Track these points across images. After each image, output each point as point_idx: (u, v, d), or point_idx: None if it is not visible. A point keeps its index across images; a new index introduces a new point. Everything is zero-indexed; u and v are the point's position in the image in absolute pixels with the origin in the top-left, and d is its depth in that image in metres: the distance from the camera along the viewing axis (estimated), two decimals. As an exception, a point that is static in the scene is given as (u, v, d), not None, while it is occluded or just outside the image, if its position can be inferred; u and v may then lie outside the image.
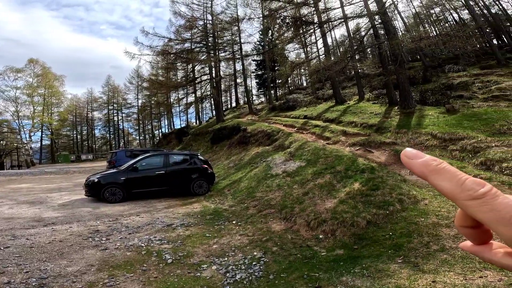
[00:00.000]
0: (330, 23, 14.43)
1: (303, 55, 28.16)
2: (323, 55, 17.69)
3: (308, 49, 27.08)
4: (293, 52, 30.15)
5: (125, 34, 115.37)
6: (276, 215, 6.43)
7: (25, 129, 43.56)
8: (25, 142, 41.84)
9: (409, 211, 5.13)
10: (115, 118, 55.12)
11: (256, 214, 6.81)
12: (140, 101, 51.74)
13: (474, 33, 19.77)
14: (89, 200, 9.04)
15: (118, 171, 9.53)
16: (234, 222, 6.52)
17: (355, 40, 18.36)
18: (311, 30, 15.73)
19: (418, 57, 23.25)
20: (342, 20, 14.24)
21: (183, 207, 8.26)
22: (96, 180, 8.97)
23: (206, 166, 10.26)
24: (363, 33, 15.50)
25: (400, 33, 23.20)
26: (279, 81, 31.94)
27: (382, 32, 14.85)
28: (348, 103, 16.71)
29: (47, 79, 44.90)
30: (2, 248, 4.63)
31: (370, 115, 12.71)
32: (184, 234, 5.73)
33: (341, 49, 27.20)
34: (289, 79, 34.46)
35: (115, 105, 54.57)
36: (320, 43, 20.30)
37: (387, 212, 5.22)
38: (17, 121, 42.33)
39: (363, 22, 14.92)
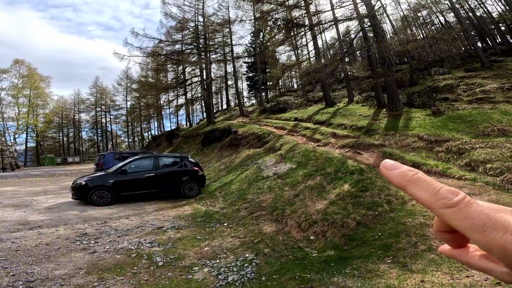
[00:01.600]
0: (321, 25, 14.59)
1: (294, 58, 28.42)
2: (314, 58, 17.86)
3: (299, 51, 27.35)
4: (284, 54, 30.35)
5: (114, 35, 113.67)
6: (268, 217, 6.44)
7: (9, 131, 42.32)
8: (10, 144, 40.57)
9: (397, 212, 5.23)
10: (103, 120, 54.20)
11: (248, 216, 6.81)
12: (129, 103, 51.02)
13: (459, 36, 20.35)
14: (76, 203, 8.87)
15: (106, 174, 9.39)
16: (225, 224, 6.50)
17: (345, 42, 18.65)
18: (302, 33, 15.87)
19: (406, 59, 23.79)
20: (333, 22, 14.42)
21: (174, 209, 8.19)
22: (83, 183, 8.79)
23: (196, 168, 10.20)
24: (352, 36, 15.80)
25: (389, 36, 23.67)
26: (270, 83, 32.07)
27: (371, 35, 15.15)
28: (338, 105, 16.94)
29: (32, 80, 43.81)
30: None
31: (359, 117, 12.92)
32: (175, 236, 5.68)
33: (331, 52, 27.56)
34: (280, 81, 34.66)
35: (103, 107, 53.65)
36: (311, 45, 20.53)
37: (376, 213, 5.30)
38: (1, 123, 41.10)
39: (353, 25, 15.21)
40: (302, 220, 5.66)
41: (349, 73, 18.97)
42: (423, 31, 29.67)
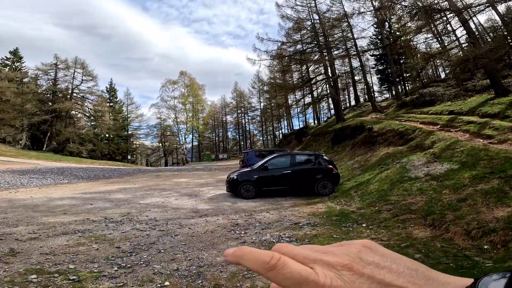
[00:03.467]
0: (471, 9, 11.90)
1: (434, 46, 23.75)
2: (466, 44, 14.46)
3: (444, 38, 22.60)
4: (422, 43, 26.05)
5: (241, 43, 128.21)
6: (419, 221, 5.68)
7: (181, 132, 55.40)
8: (181, 143, 53.35)
9: None
10: (243, 121, 61.87)
11: (391, 218, 6.20)
12: (262, 104, 56.28)
13: None
14: (229, 195, 10.27)
15: (252, 170, 10.44)
16: (364, 225, 6.10)
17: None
18: (444, 18, 13.30)
19: None
20: (488, 5, 11.36)
21: (308, 206, 8.30)
22: (235, 177, 10.07)
23: (331, 166, 10.03)
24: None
25: None
26: (408, 75, 27.88)
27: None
28: (517, 94, 12.67)
29: (193, 89, 54.98)
30: (173, 236, 5.39)
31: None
32: (311, 233, 5.70)
33: (491, 35, 21.60)
34: (421, 72, 29.65)
35: (242, 109, 61.26)
36: (459, 31, 16.81)
37: None
38: (176, 126, 54.34)
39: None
40: (473, 227, 4.72)
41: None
42: None
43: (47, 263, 3.92)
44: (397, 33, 19.44)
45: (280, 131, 55.38)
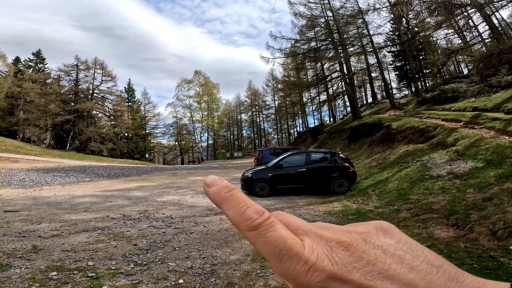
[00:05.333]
0: (492, 4, 11.75)
1: (455, 41, 22.91)
2: (489, 39, 13.98)
3: (466, 33, 21.73)
4: (443, 38, 25.28)
5: (254, 42, 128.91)
6: (441, 221, 5.50)
7: (197, 131, 56.08)
8: (197, 141, 54.04)
9: None
10: (257, 119, 61.92)
11: (411, 218, 6.01)
12: (276, 102, 56.04)
13: None
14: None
15: (266, 168, 10.37)
16: (382, 225, 5.94)
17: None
18: (465, 13, 12.91)
19: None
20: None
21: (323, 205, 8.17)
22: (249, 175, 10.05)
23: (347, 164, 9.82)
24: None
25: None
26: (428, 71, 26.94)
27: None
28: (547, 86, 11.98)
29: (208, 88, 55.44)
30: (188, 233, 5.43)
31: None
32: None
33: None
34: (443, 68, 28.68)
35: (256, 107, 61.23)
36: (481, 27, 16.24)
37: None
38: (191, 124, 55.09)
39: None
40: (499, 227, 4.56)
41: None
42: None
43: (67, 260, 4.04)
44: (416, 29, 18.90)
45: (295, 129, 55.00)
